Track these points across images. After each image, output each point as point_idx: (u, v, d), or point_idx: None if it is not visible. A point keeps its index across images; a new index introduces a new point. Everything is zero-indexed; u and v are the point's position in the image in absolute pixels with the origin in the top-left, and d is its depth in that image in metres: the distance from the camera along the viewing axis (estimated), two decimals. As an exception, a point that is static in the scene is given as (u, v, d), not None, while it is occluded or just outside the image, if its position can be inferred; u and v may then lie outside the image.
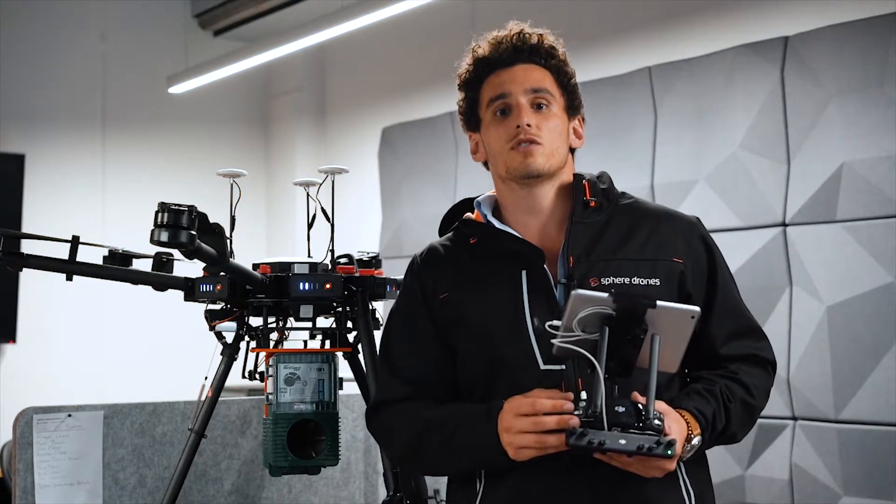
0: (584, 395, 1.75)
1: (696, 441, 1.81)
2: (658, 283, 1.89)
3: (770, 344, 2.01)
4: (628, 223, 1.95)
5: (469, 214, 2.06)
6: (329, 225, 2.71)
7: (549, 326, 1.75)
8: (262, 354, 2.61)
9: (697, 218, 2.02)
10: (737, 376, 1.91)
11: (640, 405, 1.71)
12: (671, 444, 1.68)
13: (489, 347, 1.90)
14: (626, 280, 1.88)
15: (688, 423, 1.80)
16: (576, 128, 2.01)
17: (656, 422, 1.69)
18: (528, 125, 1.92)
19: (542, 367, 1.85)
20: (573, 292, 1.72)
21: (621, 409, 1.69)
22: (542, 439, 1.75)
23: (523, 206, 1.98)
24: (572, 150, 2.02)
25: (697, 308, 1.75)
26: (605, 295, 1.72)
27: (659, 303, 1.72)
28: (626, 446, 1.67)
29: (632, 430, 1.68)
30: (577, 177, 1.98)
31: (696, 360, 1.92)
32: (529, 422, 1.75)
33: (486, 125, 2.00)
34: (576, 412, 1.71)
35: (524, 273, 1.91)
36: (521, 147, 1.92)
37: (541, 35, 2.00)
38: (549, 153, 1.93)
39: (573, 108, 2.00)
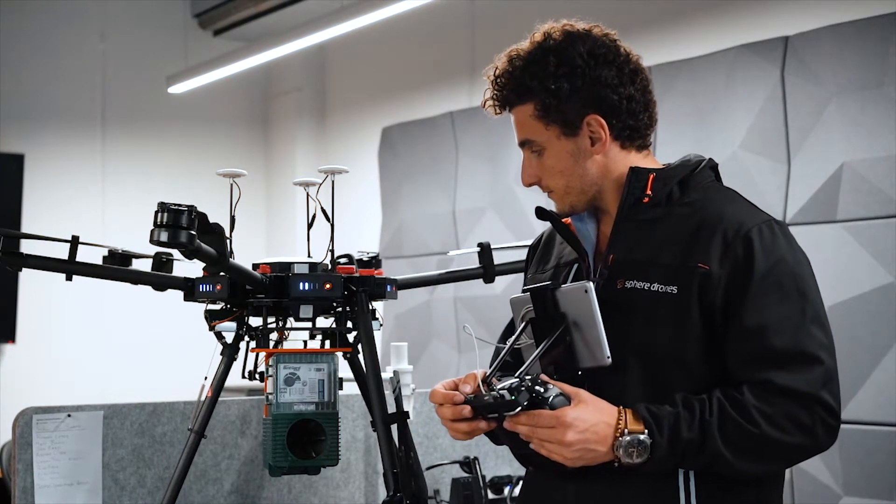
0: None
1: (634, 437, 1.70)
2: (675, 291, 1.78)
3: (816, 374, 1.74)
4: (683, 220, 1.85)
5: None
6: (329, 225, 2.71)
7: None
8: (262, 354, 2.61)
9: (770, 221, 1.82)
10: (740, 398, 1.72)
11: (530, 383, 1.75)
12: (519, 392, 1.70)
13: None
14: (647, 286, 1.80)
15: (622, 414, 1.72)
16: (590, 135, 1.89)
17: (539, 389, 1.72)
18: (531, 183, 1.94)
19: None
20: (510, 299, 1.86)
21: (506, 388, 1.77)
22: (452, 426, 1.81)
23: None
24: (625, 139, 1.92)
25: (589, 283, 1.77)
26: (527, 294, 1.84)
27: (557, 288, 1.81)
28: (485, 401, 1.74)
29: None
30: (635, 171, 1.89)
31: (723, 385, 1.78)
32: (437, 409, 1.84)
33: None
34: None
35: (575, 266, 1.93)
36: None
37: (526, 65, 1.89)
38: (562, 195, 1.92)
39: (571, 125, 1.88)
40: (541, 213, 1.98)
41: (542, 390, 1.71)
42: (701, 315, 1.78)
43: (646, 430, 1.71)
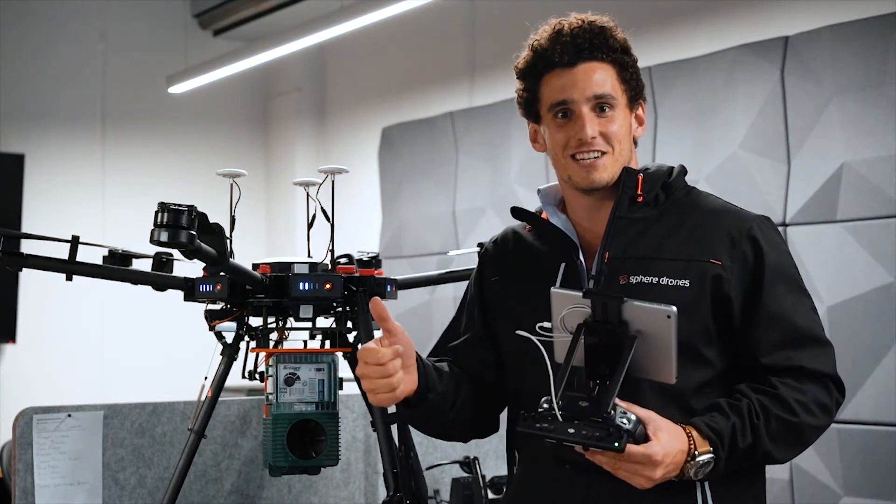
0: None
1: (703, 458, 1.72)
2: (687, 285, 1.81)
3: (830, 356, 1.86)
4: (677, 220, 1.89)
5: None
6: (329, 225, 2.71)
7: (540, 328, 1.76)
8: (262, 354, 2.61)
9: (763, 217, 1.92)
10: (776, 391, 1.78)
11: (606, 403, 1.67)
12: (620, 436, 1.63)
13: (517, 336, 1.87)
14: (655, 280, 1.82)
15: (691, 437, 1.73)
16: (638, 115, 1.94)
17: (622, 420, 1.65)
18: (593, 137, 1.86)
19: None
20: (551, 290, 1.74)
21: (584, 404, 1.67)
22: (381, 383, 1.78)
23: (584, 204, 1.94)
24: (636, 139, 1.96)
25: (673, 308, 1.66)
26: (579, 293, 1.72)
27: (629, 301, 1.68)
28: (573, 436, 1.65)
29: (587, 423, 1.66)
30: (627, 171, 1.90)
31: (741, 372, 1.84)
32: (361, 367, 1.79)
33: (546, 123, 1.93)
34: (540, 408, 1.70)
35: (563, 266, 1.90)
36: (583, 161, 1.87)
37: (603, 28, 1.89)
38: (613, 160, 1.88)
39: (636, 98, 1.92)
40: (517, 212, 1.97)
41: (625, 422, 1.66)
42: (712, 307, 1.82)
43: (711, 449, 1.74)
